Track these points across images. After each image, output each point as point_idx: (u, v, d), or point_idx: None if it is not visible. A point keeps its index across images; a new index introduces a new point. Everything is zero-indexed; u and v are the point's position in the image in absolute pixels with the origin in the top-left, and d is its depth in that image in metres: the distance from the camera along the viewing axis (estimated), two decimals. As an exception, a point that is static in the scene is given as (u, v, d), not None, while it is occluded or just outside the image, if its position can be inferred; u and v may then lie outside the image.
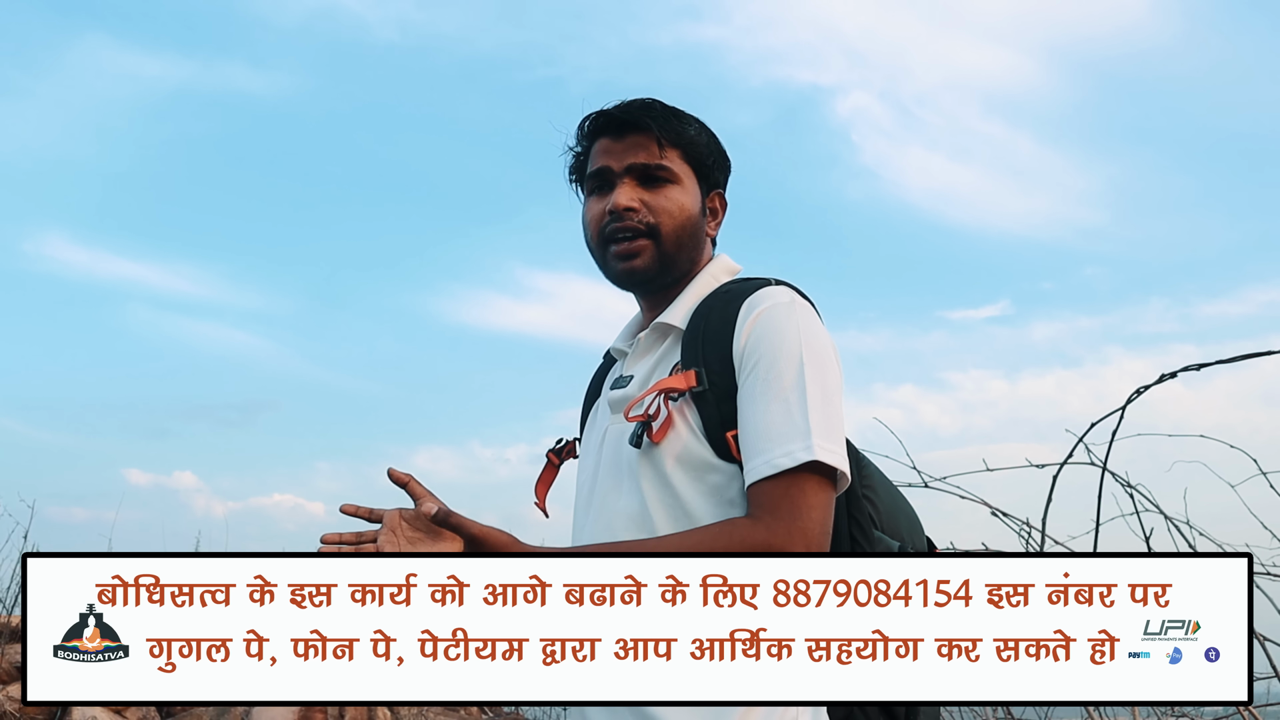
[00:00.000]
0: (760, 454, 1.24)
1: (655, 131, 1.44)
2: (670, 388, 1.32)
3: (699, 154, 1.48)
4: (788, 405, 1.25)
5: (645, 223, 1.43)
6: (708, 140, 1.50)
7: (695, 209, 1.46)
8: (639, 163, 1.44)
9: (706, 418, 1.31)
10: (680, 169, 1.46)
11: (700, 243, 1.48)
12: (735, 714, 1.20)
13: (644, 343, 1.47)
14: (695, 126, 1.49)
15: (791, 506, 1.21)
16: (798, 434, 1.23)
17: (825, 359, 1.31)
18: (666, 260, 1.44)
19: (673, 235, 1.43)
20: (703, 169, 1.48)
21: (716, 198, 1.53)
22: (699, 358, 1.33)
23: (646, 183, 1.44)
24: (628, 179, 1.44)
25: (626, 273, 1.45)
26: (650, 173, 1.44)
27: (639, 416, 1.33)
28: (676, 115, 1.48)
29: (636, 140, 1.45)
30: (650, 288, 1.48)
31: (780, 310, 1.32)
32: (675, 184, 1.45)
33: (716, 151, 1.52)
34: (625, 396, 1.43)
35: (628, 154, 1.45)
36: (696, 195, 1.47)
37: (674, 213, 1.43)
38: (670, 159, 1.45)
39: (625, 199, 1.42)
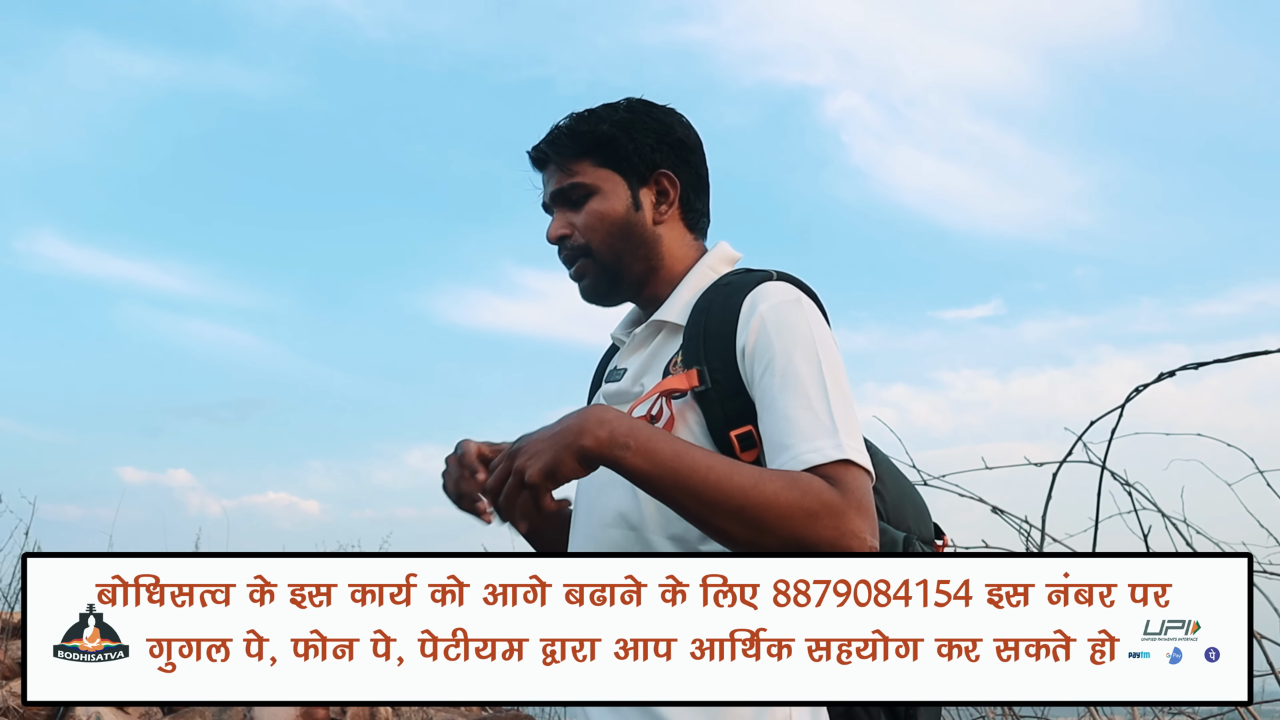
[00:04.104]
0: (786, 449, 1.22)
1: (554, 159, 1.46)
2: (672, 388, 1.31)
3: (614, 149, 1.44)
4: (810, 403, 1.24)
5: (577, 244, 1.45)
6: (627, 129, 1.45)
7: (621, 209, 1.44)
8: (556, 189, 1.46)
9: (710, 417, 1.30)
10: (595, 176, 1.44)
11: (644, 239, 1.45)
12: (731, 713, 1.20)
13: (639, 337, 1.46)
14: (611, 121, 1.45)
15: (854, 484, 1.19)
16: (825, 431, 1.22)
17: (836, 358, 1.30)
18: (611, 271, 1.45)
19: (604, 247, 1.44)
20: (625, 162, 1.45)
21: (661, 179, 1.46)
22: (701, 355, 1.32)
23: (570, 205, 1.46)
24: (557, 208, 1.48)
25: (586, 292, 1.49)
26: (568, 195, 1.45)
27: (642, 419, 1.31)
28: (586, 120, 1.46)
29: (552, 168, 1.48)
30: (617, 298, 1.50)
31: (788, 307, 1.31)
32: (593, 195, 1.44)
33: (643, 132, 1.45)
34: (619, 390, 1.43)
35: (550, 183, 1.48)
36: (622, 194, 1.45)
37: (596, 226, 1.44)
38: (581, 173, 1.45)
39: (554, 230, 1.46)
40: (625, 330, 1.55)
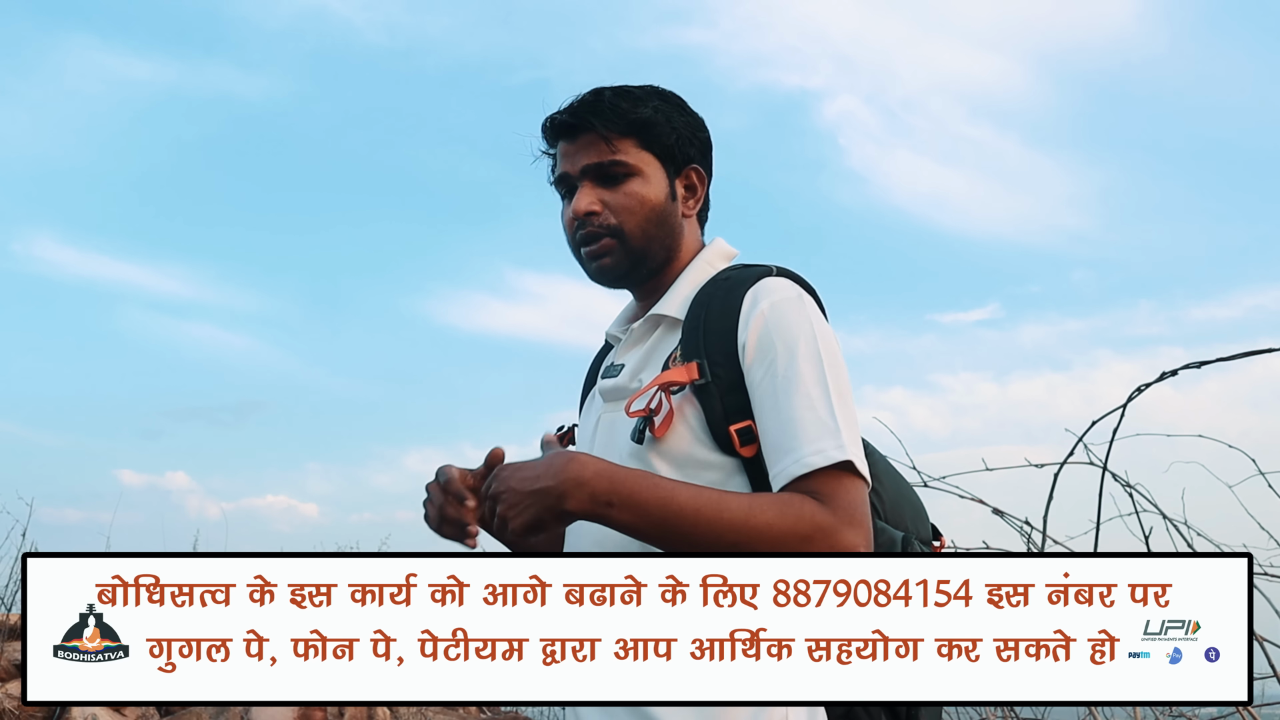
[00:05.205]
0: (790, 452, 1.22)
1: (600, 130, 1.40)
2: (671, 381, 1.30)
3: (658, 136, 1.41)
4: (812, 403, 1.23)
5: (607, 224, 1.40)
6: (669, 117, 1.43)
7: (660, 197, 1.42)
8: (592, 163, 1.40)
9: (709, 411, 1.29)
10: (638, 158, 1.41)
11: (674, 229, 1.44)
12: (727, 712, 1.19)
13: (637, 332, 1.44)
14: (652, 105, 1.42)
15: (849, 498, 1.20)
16: (827, 432, 1.22)
17: (838, 357, 1.30)
18: (636, 255, 1.41)
19: (638, 231, 1.40)
20: (666, 150, 1.42)
21: (691, 173, 1.46)
22: (700, 349, 1.31)
23: (605, 181, 1.40)
24: (586, 181, 1.41)
25: (600, 271, 1.43)
26: (605, 171, 1.40)
27: (640, 411, 1.31)
28: (627, 99, 1.41)
29: (588, 139, 1.41)
30: (629, 282, 1.46)
31: (790, 305, 1.30)
32: (635, 176, 1.40)
33: (683, 126, 1.44)
34: (617, 386, 1.42)
35: (581, 155, 1.41)
36: (661, 181, 1.42)
37: (635, 209, 1.40)
38: (624, 151, 1.40)
39: (584, 204, 1.40)
40: (621, 326, 1.53)
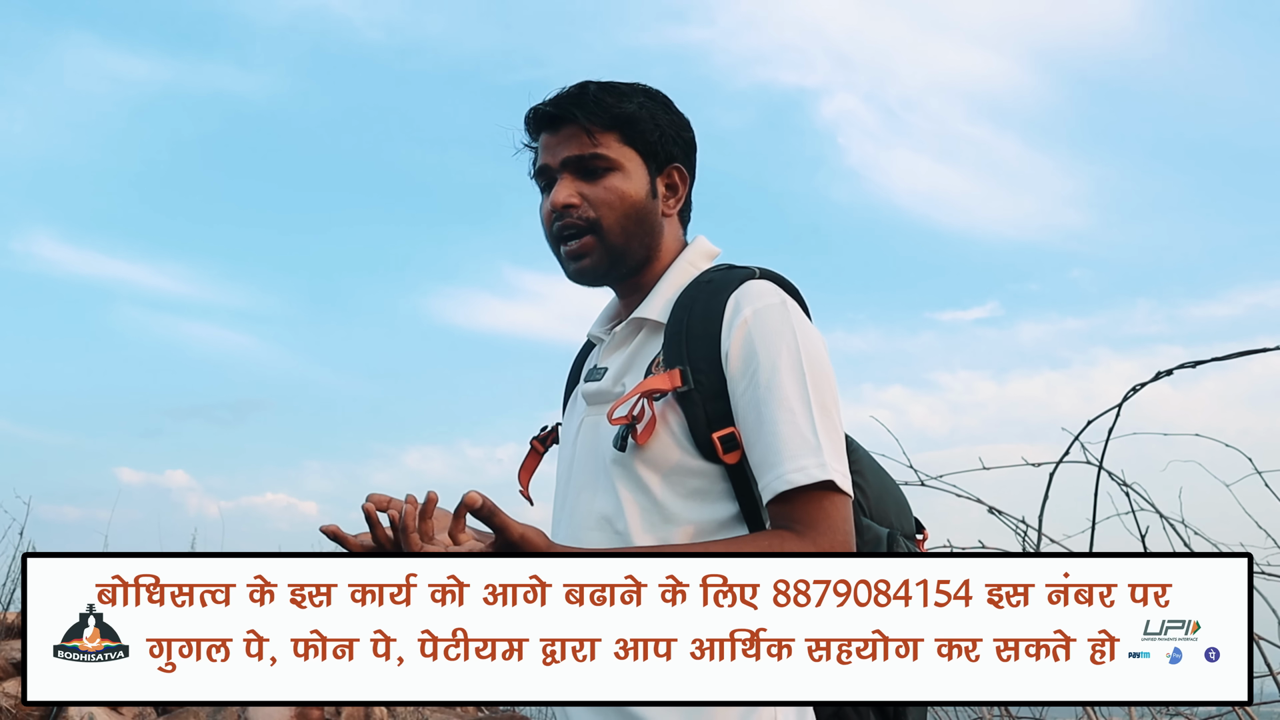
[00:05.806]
0: (773, 468, 1.23)
1: (582, 122, 1.38)
2: (654, 389, 1.29)
3: (641, 132, 1.39)
4: (794, 417, 1.23)
5: (585, 218, 1.38)
6: (653, 114, 1.41)
7: (640, 193, 1.39)
8: (573, 155, 1.38)
9: (692, 418, 1.28)
10: (620, 153, 1.39)
11: (653, 227, 1.42)
12: (717, 712, 1.20)
13: (620, 335, 1.43)
14: (637, 101, 1.40)
15: (829, 522, 1.22)
16: (809, 449, 1.22)
17: (823, 367, 1.29)
18: (615, 253, 1.39)
19: (616, 227, 1.38)
20: (648, 147, 1.40)
21: (674, 172, 1.44)
22: (683, 356, 1.29)
23: (585, 175, 1.38)
24: (565, 174, 1.39)
25: (579, 273, 1.42)
26: (586, 164, 1.38)
27: (623, 419, 1.29)
28: (612, 93, 1.39)
29: (570, 131, 1.39)
30: (608, 282, 1.45)
31: (774, 312, 1.29)
32: (615, 171, 1.38)
33: (667, 124, 1.42)
34: (600, 390, 1.41)
35: (562, 147, 1.39)
36: (642, 178, 1.40)
37: (614, 203, 1.38)
38: (606, 145, 1.38)
39: (563, 196, 1.38)
40: (604, 327, 1.51)
